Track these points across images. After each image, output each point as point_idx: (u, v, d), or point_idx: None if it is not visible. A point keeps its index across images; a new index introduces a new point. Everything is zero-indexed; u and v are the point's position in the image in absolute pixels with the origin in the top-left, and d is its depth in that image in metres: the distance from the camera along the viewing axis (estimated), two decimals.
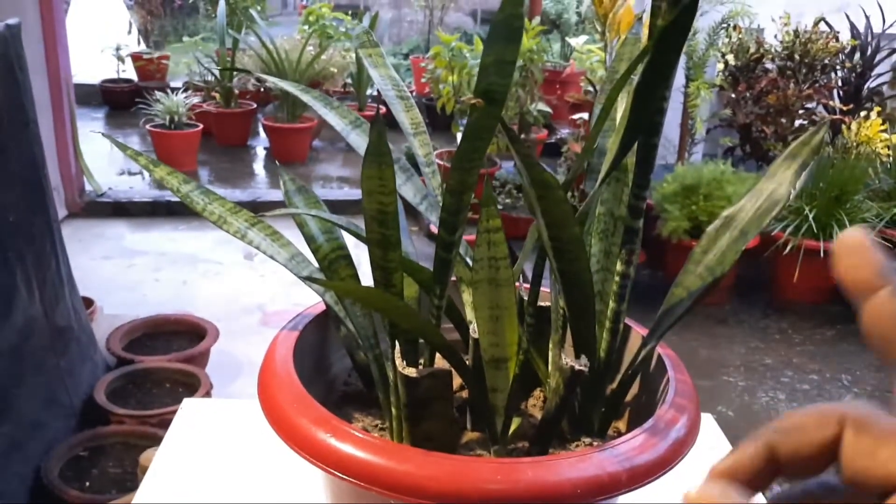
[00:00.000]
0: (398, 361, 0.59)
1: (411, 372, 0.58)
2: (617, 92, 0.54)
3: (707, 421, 0.99)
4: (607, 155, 0.59)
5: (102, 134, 0.83)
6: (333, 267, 0.64)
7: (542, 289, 0.66)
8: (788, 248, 2.73)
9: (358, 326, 0.64)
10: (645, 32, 0.75)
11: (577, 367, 0.56)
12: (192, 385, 1.87)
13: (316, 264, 0.66)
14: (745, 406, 2.36)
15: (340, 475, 0.53)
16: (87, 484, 1.55)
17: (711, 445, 0.93)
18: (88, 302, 2.17)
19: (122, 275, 2.94)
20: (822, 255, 2.69)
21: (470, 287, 0.69)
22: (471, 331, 0.65)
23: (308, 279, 0.53)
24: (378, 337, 0.64)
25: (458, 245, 0.57)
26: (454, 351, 0.59)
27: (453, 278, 0.74)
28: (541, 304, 0.67)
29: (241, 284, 2.88)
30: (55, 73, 3.18)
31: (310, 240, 0.64)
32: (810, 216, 2.73)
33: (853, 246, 0.24)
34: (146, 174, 4.19)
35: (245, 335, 2.40)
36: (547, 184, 0.50)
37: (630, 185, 0.60)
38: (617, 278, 0.62)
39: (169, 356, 1.98)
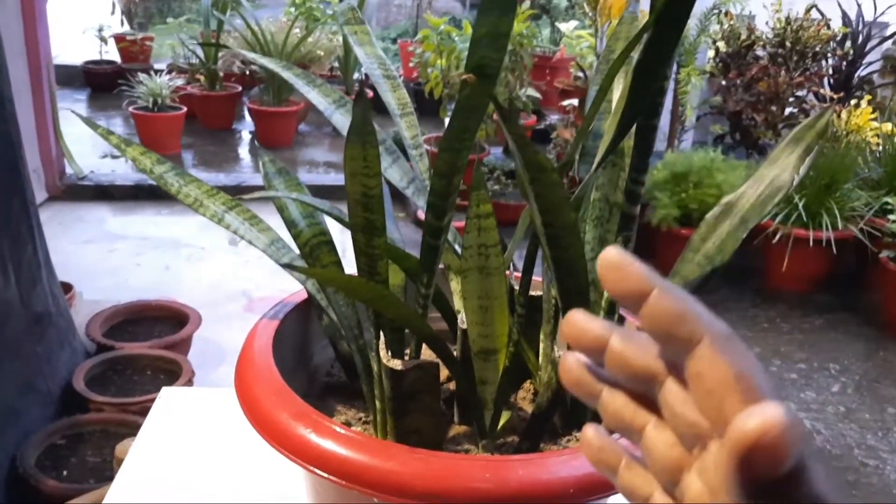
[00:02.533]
0: (383, 353, 0.56)
1: (396, 364, 0.55)
2: (616, 70, 0.51)
3: None
4: (604, 138, 0.56)
5: (73, 112, 0.80)
6: (315, 253, 0.61)
7: (534, 277, 0.64)
8: (778, 236, 2.71)
9: (341, 316, 0.61)
10: (644, 12, 0.72)
11: None
12: (173, 372, 1.84)
13: (297, 250, 0.63)
14: None
15: (321, 473, 0.50)
16: (65, 473, 1.51)
17: None
18: (67, 287, 2.12)
19: (103, 259, 2.89)
20: (811, 244, 2.68)
21: (459, 275, 0.66)
22: (459, 321, 0.62)
23: (288, 266, 0.50)
24: (362, 327, 0.61)
25: (446, 231, 0.54)
26: (441, 342, 0.56)
27: (441, 266, 0.71)
28: (533, 293, 0.64)
29: (225, 270, 2.84)
30: (35, 54, 3.11)
31: (290, 224, 0.61)
32: (800, 205, 2.72)
33: (615, 262, 0.27)
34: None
35: (229, 321, 2.36)
36: (541, 166, 0.48)
37: (627, 169, 0.57)
38: None
39: (150, 343, 1.95)
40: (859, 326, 2.74)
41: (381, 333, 0.57)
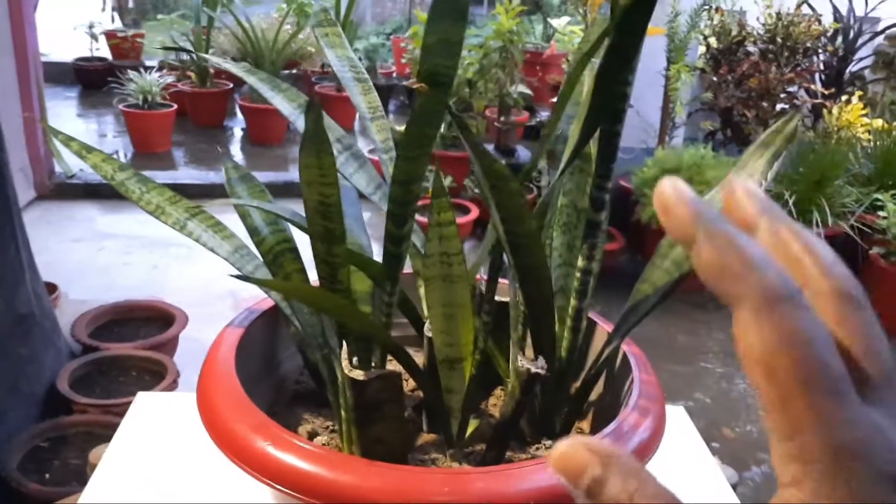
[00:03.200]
0: (344, 363, 0.55)
1: (358, 374, 0.54)
2: (577, 75, 0.50)
3: (677, 413, 0.96)
4: (568, 143, 0.55)
5: (29, 116, 0.79)
6: (279, 261, 0.60)
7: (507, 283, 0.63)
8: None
9: (305, 325, 0.60)
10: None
11: (533, 369, 0.53)
12: (158, 373, 1.83)
13: (261, 258, 0.62)
14: (723, 393, 2.34)
15: (279, 487, 0.49)
16: (48, 476, 1.50)
17: (683, 438, 0.91)
18: (52, 287, 2.11)
19: (91, 258, 2.88)
20: None
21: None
22: (425, 329, 0.61)
23: (246, 278, 0.49)
24: (327, 335, 0.60)
25: (407, 239, 0.53)
26: (404, 352, 0.55)
27: (410, 271, 0.70)
28: (501, 299, 0.63)
29: (213, 269, 2.82)
30: (22, 51, 3.09)
31: (253, 232, 0.60)
32: (790, 201, 2.71)
33: (662, 203, 0.23)
34: (121, 155, 4.11)
35: (216, 321, 2.32)
36: (500, 174, 0.47)
37: (593, 175, 0.56)
38: (578, 274, 0.58)
39: (135, 343, 1.94)
40: None
41: (344, 343, 0.56)
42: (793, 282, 0.22)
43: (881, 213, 2.58)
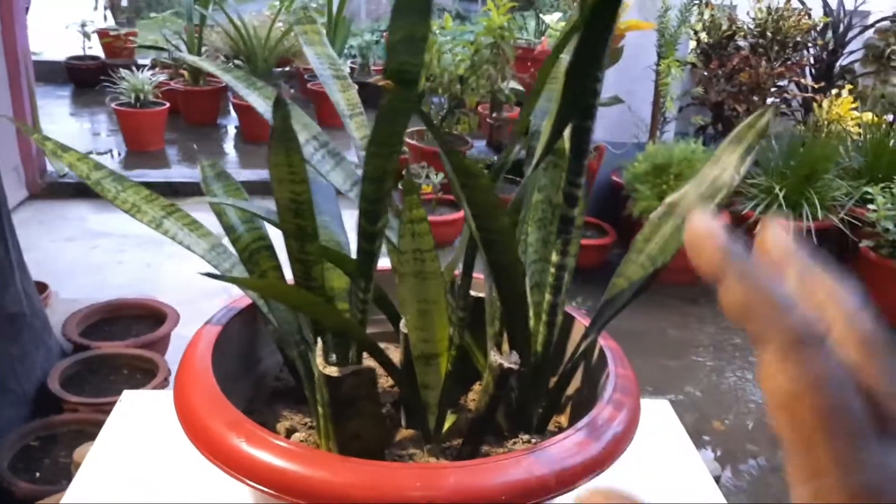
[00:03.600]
0: (319, 360, 0.55)
1: (332, 371, 0.54)
2: (547, 72, 0.50)
3: (662, 407, 0.97)
4: (540, 139, 0.55)
5: (16, 121, 0.79)
6: (254, 258, 0.60)
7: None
8: (759, 227, 2.72)
9: (282, 322, 0.60)
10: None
11: (506, 364, 0.53)
12: (150, 371, 1.83)
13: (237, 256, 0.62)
14: (713, 386, 2.35)
15: (252, 484, 0.49)
16: (38, 475, 1.50)
17: (666, 432, 0.91)
18: (42, 287, 2.11)
19: (84, 257, 2.88)
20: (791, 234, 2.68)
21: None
22: (401, 325, 0.62)
23: (219, 276, 0.50)
24: (303, 332, 0.61)
25: (381, 235, 0.53)
26: (379, 348, 0.56)
27: (390, 267, 0.70)
28: (477, 295, 0.64)
29: (207, 267, 2.82)
30: (12, 50, 3.08)
31: (229, 230, 0.60)
32: (780, 195, 2.72)
33: (693, 238, 0.24)
34: (115, 154, 4.10)
35: None
36: (470, 171, 0.47)
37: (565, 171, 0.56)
38: (553, 269, 0.58)
39: (127, 342, 1.94)
40: None
41: (320, 340, 0.56)
42: (818, 326, 0.22)
43: (871, 207, 2.58)
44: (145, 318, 2.12)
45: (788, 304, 0.22)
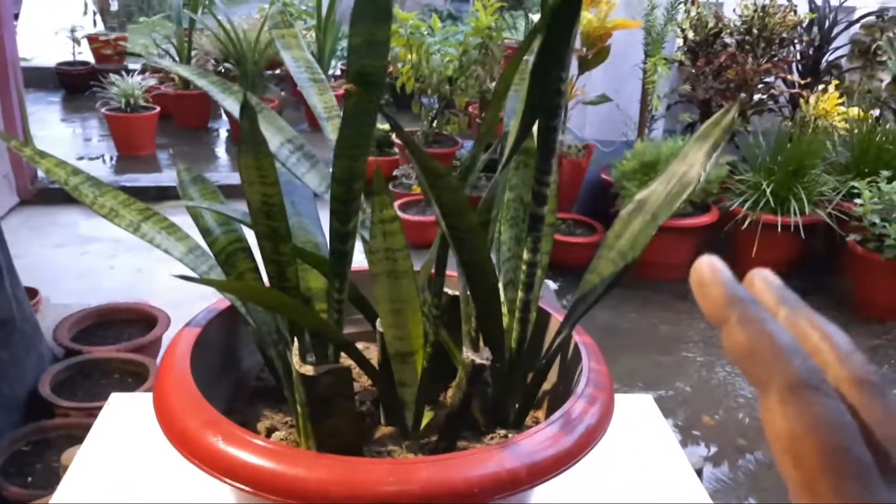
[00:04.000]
0: (295, 359, 0.56)
1: (308, 370, 0.55)
2: (511, 73, 0.51)
3: (645, 401, 0.98)
4: (508, 139, 0.57)
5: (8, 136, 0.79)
6: (231, 260, 0.61)
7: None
8: (747, 222, 2.73)
9: (260, 322, 0.61)
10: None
11: (478, 360, 0.54)
12: (141, 375, 1.84)
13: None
14: (703, 381, 2.37)
15: (228, 481, 0.50)
16: (30, 479, 1.51)
17: (649, 426, 0.92)
18: (33, 292, 2.11)
19: (75, 263, 2.88)
20: (780, 229, 2.70)
21: None
22: (377, 324, 0.63)
23: (196, 280, 0.51)
24: (282, 332, 0.62)
25: (353, 235, 0.54)
26: (354, 348, 0.57)
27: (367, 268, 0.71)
28: (452, 293, 0.65)
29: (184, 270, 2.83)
30: (1, 56, 3.08)
31: (205, 233, 0.61)
32: (768, 191, 2.74)
33: (699, 279, 0.24)
34: (106, 159, 4.10)
35: None
36: (436, 172, 0.48)
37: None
38: (524, 267, 0.59)
39: (118, 346, 1.94)
40: (829, 310, 2.76)
41: (296, 339, 0.57)
42: (818, 370, 0.22)
43: (858, 201, 2.60)
44: (136, 322, 2.12)
45: (790, 350, 0.22)
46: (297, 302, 0.54)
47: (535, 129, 0.56)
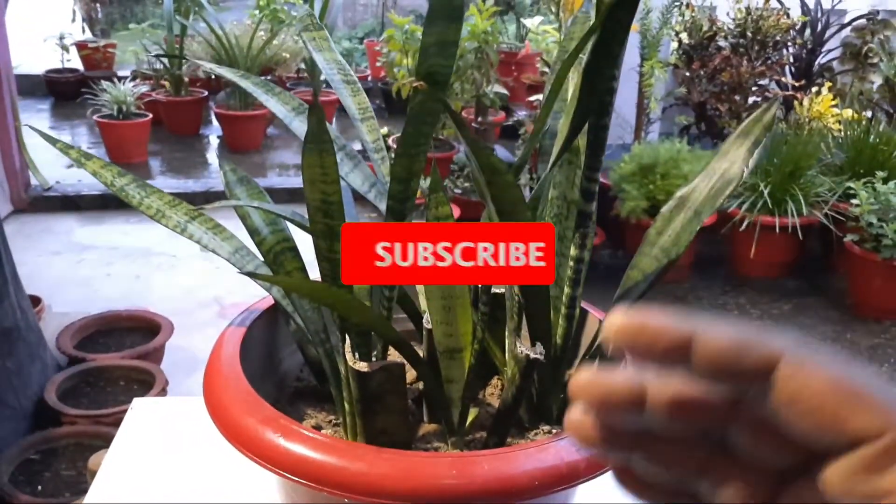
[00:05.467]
0: (349, 356, 0.56)
1: (362, 366, 0.56)
2: (565, 72, 0.52)
3: None
4: (558, 137, 0.57)
5: (31, 128, 0.79)
6: (279, 260, 0.62)
7: None
8: (744, 224, 2.76)
9: (307, 321, 0.61)
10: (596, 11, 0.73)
11: (532, 355, 0.55)
12: (147, 382, 1.83)
13: (261, 258, 0.63)
14: None
15: (291, 477, 0.50)
16: (40, 488, 1.50)
17: None
18: (35, 300, 2.10)
19: (72, 271, 2.86)
20: (777, 230, 2.72)
21: None
22: (424, 321, 0.63)
23: (251, 274, 0.51)
24: (328, 331, 0.62)
25: None
26: (407, 343, 0.57)
27: None
28: (497, 290, 0.65)
29: (196, 277, 2.82)
30: None
31: (253, 232, 0.62)
32: (765, 192, 2.76)
33: (632, 328, 0.24)
34: None
35: (201, 329, 2.35)
36: (495, 168, 0.49)
37: (582, 167, 0.58)
38: (571, 263, 0.60)
39: (122, 353, 1.93)
40: (826, 310, 2.79)
41: (347, 337, 0.58)
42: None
43: (854, 202, 2.63)
44: (139, 329, 2.11)
45: (759, 332, 0.22)
46: (357, 299, 0.55)
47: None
